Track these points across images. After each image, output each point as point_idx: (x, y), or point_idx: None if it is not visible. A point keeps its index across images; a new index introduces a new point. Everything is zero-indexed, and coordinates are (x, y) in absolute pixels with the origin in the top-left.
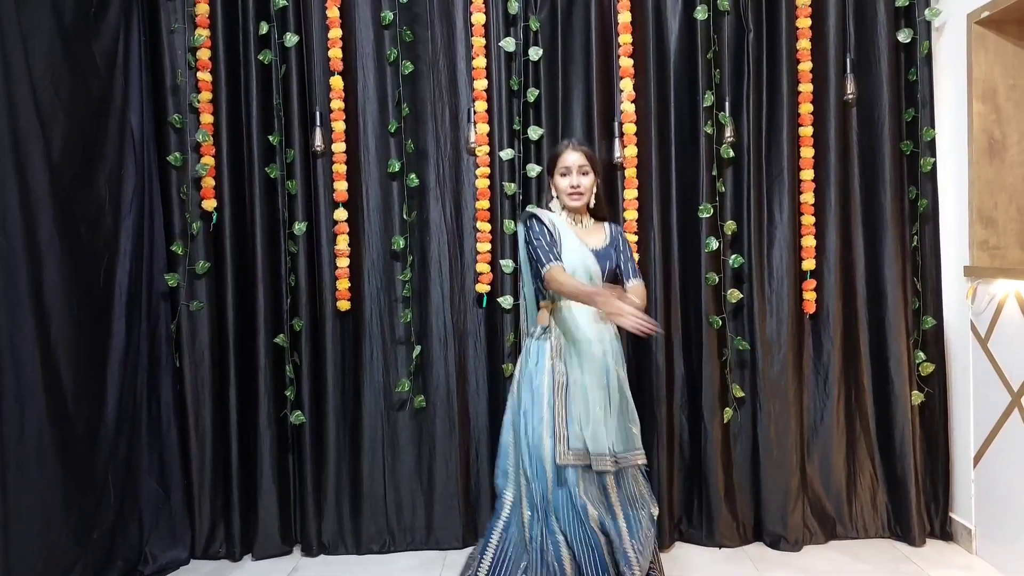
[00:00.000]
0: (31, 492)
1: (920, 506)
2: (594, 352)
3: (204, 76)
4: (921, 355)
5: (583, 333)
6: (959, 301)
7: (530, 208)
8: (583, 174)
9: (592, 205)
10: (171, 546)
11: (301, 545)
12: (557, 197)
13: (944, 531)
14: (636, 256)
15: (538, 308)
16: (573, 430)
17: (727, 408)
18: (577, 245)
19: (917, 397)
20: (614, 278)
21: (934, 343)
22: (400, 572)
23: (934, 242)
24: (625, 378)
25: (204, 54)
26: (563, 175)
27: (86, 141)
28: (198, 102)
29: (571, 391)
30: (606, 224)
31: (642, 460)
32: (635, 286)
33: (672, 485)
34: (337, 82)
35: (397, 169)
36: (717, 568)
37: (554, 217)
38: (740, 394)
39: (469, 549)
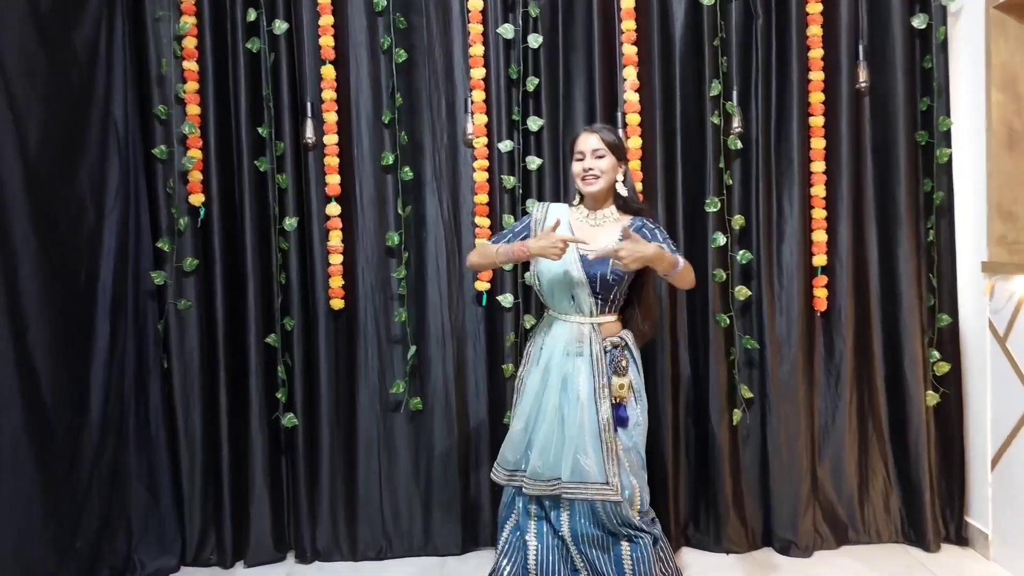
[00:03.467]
0: (5, 503)
1: (935, 510)
2: (552, 363)
3: (190, 65)
4: (936, 354)
5: (547, 344)
6: (976, 298)
7: (543, 202)
8: (598, 157)
9: (625, 194)
10: (160, 553)
11: (295, 552)
12: (578, 189)
13: (960, 536)
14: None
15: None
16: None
17: (735, 410)
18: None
19: (932, 398)
20: (611, 287)
21: (950, 342)
22: None
23: (950, 237)
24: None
25: (190, 42)
26: (578, 160)
27: (66, 134)
28: (184, 93)
29: (521, 400)
30: (636, 219)
31: (589, 496)
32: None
33: (678, 489)
34: (328, 71)
35: (391, 162)
36: (725, 575)
37: (559, 212)
38: (748, 395)
39: (468, 555)
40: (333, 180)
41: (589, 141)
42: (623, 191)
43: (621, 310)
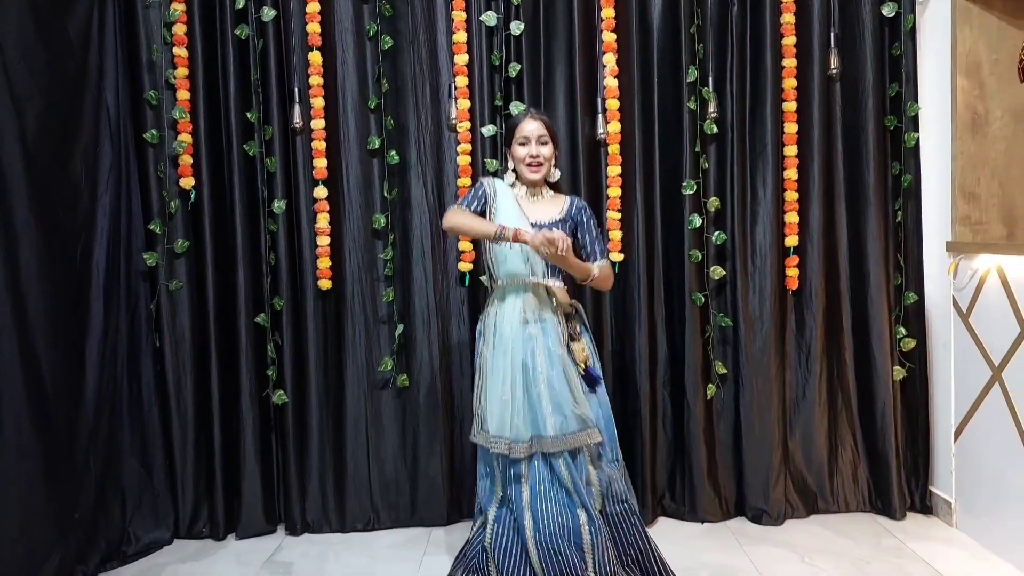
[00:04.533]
0: (10, 475)
1: (901, 480)
2: (510, 332)
3: (180, 52)
4: (903, 331)
5: (504, 315)
6: (941, 277)
7: (485, 177)
8: (542, 144)
9: (554, 179)
10: (154, 526)
11: (285, 524)
12: (514, 168)
13: (924, 505)
14: (619, 234)
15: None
16: (481, 411)
17: (710, 384)
18: (515, 213)
19: (899, 372)
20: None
21: (916, 319)
22: (385, 549)
23: (917, 218)
24: (559, 361)
25: (180, 29)
26: (522, 144)
27: (61, 119)
28: (174, 78)
29: (487, 372)
30: (566, 198)
31: (557, 447)
32: (600, 266)
33: (655, 461)
34: (316, 57)
35: (377, 146)
36: (699, 543)
37: (502, 187)
38: (723, 371)
39: (454, 526)
40: (320, 164)
41: (534, 127)
42: (556, 175)
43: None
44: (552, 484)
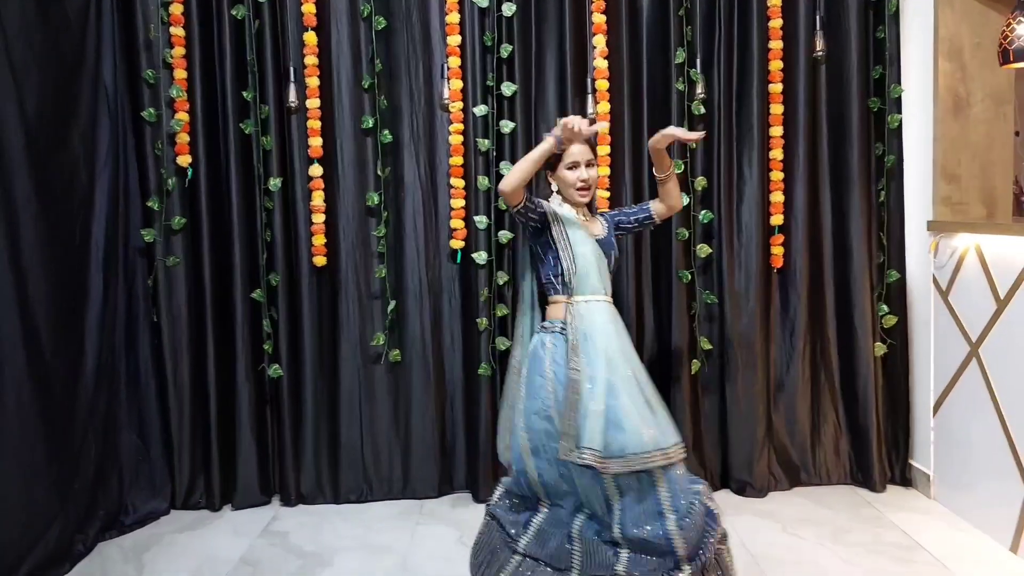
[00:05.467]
0: (11, 445)
1: (881, 454)
2: (611, 346)
3: (177, 31)
4: (884, 308)
5: (599, 327)
6: (922, 255)
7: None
8: (589, 166)
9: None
10: (152, 497)
11: (280, 496)
12: (559, 191)
13: (904, 477)
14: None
15: (549, 303)
16: (586, 425)
17: (695, 360)
18: (584, 233)
19: (880, 349)
20: (617, 267)
21: (897, 296)
22: (378, 521)
23: (899, 198)
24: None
25: (176, 9)
26: (571, 168)
27: (60, 98)
28: (171, 58)
29: (582, 387)
30: (598, 216)
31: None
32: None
33: None
34: (311, 37)
35: (371, 125)
36: None
37: (558, 205)
38: (708, 347)
39: (445, 498)
40: (315, 142)
41: (581, 150)
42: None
43: None
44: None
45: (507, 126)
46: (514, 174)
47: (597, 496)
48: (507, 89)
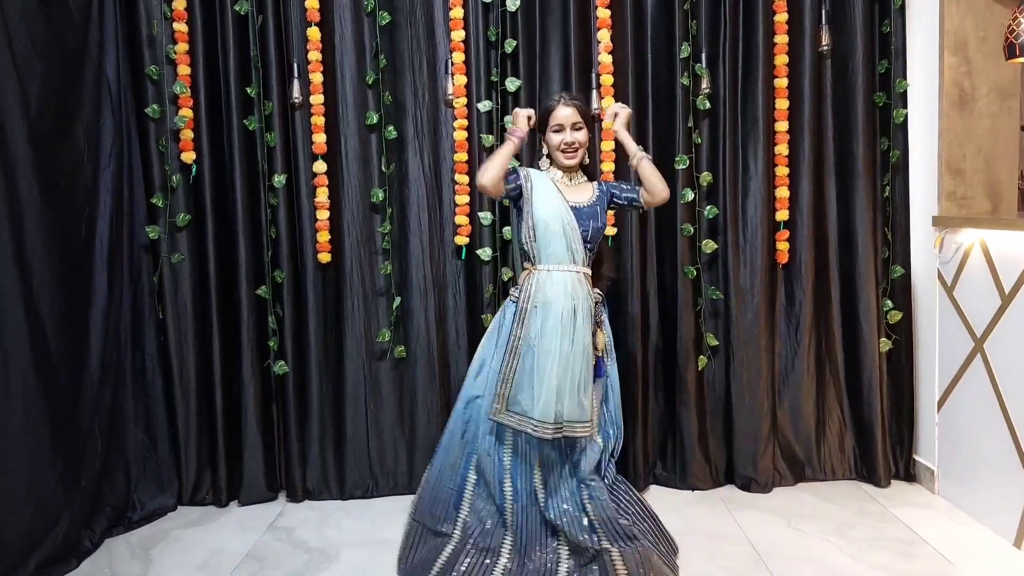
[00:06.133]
0: (17, 441)
1: (886, 449)
2: (559, 316)
3: (180, 27)
4: (889, 303)
5: (553, 298)
6: (927, 250)
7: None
8: (576, 130)
9: (586, 162)
10: (158, 493)
11: (286, 491)
12: (548, 155)
13: (908, 473)
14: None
15: (523, 270)
16: (514, 392)
17: (701, 356)
18: (554, 195)
19: (885, 344)
20: (598, 237)
21: (902, 291)
22: (383, 516)
23: (904, 193)
24: (590, 345)
25: (180, 4)
26: (556, 131)
27: (63, 93)
28: (175, 53)
29: (523, 355)
30: (594, 183)
31: (585, 432)
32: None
33: (647, 430)
34: (314, 33)
35: (375, 121)
36: (690, 510)
37: (538, 174)
38: (714, 342)
39: None
40: (319, 139)
41: (567, 113)
42: (585, 159)
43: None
44: (565, 466)
45: (511, 122)
46: (488, 171)
47: (524, 456)
48: (511, 84)
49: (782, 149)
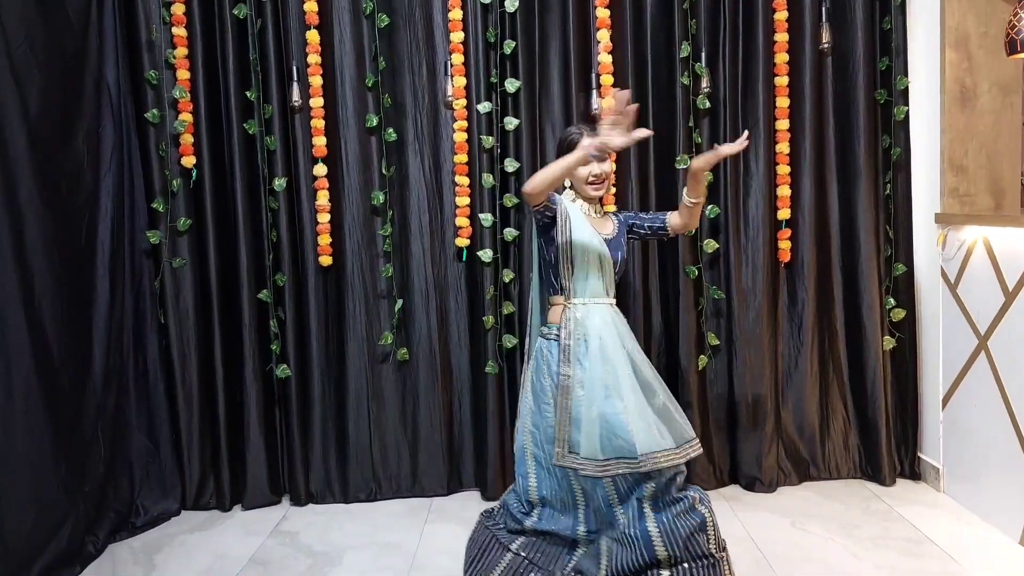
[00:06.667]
0: (20, 446)
1: (890, 447)
2: (613, 347)
3: (179, 32)
4: (892, 301)
5: (599, 331)
6: (930, 248)
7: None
8: (602, 160)
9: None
10: (162, 498)
11: (289, 495)
12: (571, 187)
13: (913, 471)
14: (613, 208)
15: (549, 305)
16: (573, 433)
17: (703, 356)
18: (587, 225)
19: (888, 342)
20: (624, 270)
21: (905, 289)
22: (387, 518)
23: (906, 190)
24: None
25: (178, 9)
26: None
27: (63, 99)
28: (174, 58)
29: (574, 393)
30: (609, 214)
31: (677, 461)
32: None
33: None
34: (313, 36)
35: (375, 124)
36: None
37: (567, 201)
38: (716, 342)
39: (454, 495)
40: (319, 142)
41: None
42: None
43: None
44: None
45: (511, 123)
46: (541, 179)
47: (597, 500)
48: (511, 85)
49: (783, 148)
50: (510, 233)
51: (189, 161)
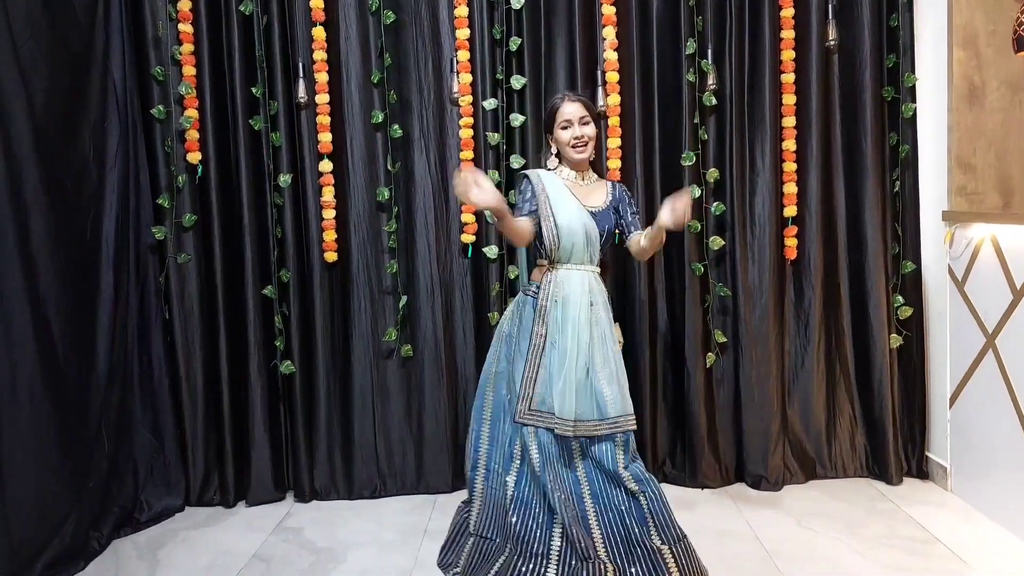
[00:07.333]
0: (24, 442)
1: (897, 446)
2: (578, 314)
3: (185, 28)
4: (900, 299)
5: (572, 297)
6: (937, 246)
7: (527, 171)
8: (584, 124)
9: (593, 158)
10: (166, 494)
11: (294, 491)
12: (558, 153)
13: (920, 470)
14: None
15: (535, 266)
16: (538, 391)
17: (709, 353)
18: (574, 204)
19: (895, 340)
20: (611, 238)
21: (912, 287)
22: (392, 516)
23: (914, 188)
24: (614, 340)
25: (185, 5)
26: (564, 127)
27: (69, 95)
28: (180, 54)
29: (547, 352)
30: (608, 183)
31: (624, 428)
32: (635, 238)
33: (656, 429)
34: (319, 32)
35: (381, 120)
36: (700, 508)
37: (549, 176)
38: (722, 340)
39: (459, 492)
40: (325, 138)
41: (574, 109)
42: (593, 155)
43: None
44: (599, 467)
45: (517, 119)
46: (511, 237)
47: (558, 457)
48: (516, 82)
49: (790, 145)
50: None
51: (195, 157)
